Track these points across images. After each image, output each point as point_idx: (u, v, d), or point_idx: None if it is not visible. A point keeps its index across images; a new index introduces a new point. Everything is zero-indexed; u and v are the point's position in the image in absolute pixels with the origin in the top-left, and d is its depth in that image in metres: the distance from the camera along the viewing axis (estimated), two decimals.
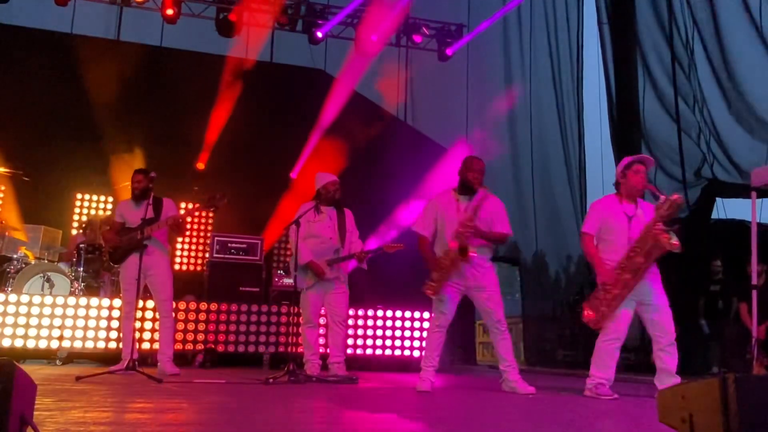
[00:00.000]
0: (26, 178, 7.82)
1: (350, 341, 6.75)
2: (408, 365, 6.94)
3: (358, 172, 8.74)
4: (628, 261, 4.30)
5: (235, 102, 9.17)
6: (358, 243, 5.61)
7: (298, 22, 9.76)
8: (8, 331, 6.04)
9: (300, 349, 5.50)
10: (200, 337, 6.51)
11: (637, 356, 8.19)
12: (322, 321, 5.93)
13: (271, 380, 4.76)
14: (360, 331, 6.95)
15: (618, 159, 9.17)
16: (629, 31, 9.74)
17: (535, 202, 10.02)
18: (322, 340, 6.04)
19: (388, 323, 7.05)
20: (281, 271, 8.08)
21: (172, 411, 3.24)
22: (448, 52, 10.11)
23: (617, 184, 4.61)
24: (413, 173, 8.96)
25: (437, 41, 10.25)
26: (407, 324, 7.10)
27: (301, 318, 5.57)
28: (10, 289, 6.65)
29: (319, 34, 9.54)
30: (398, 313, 7.12)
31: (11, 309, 6.09)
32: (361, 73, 9.75)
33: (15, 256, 7.07)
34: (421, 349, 7.03)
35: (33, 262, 7.09)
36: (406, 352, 7.06)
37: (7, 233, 7.36)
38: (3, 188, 8.52)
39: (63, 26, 9.29)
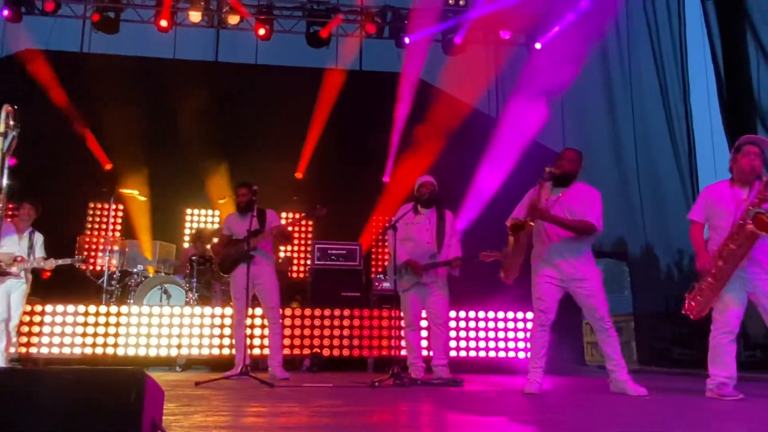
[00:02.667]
0: (142, 198, 8.44)
1: (453, 343, 6.72)
2: (513, 367, 6.81)
3: (451, 172, 8.71)
4: (723, 247, 4.09)
5: (330, 111, 9.43)
6: (455, 247, 5.53)
7: (385, 28, 9.85)
8: (132, 340, 6.50)
9: (403, 353, 5.52)
10: (306, 342, 6.70)
11: (763, 353, 7.59)
12: (424, 324, 5.92)
13: (376, 383, 4.81)
14: (462, 333, 6.90)
15: (730, 143, 8.55)
16: (737, 6, 9.06)
17: (641, 192, 9.48)
18: (425, 343, 6.04)
19: (491, 324, 6.96)
20: (380, 275, 8.19)
21: (285, 415, 3.35)
22: (536, 44, 9.85)
23: (731, 169, 4.32)
24: (509, 170, 8.78)
25: (525, 34, 10.02)
26: (510, 325, 6.97)
27: (402, 321, 5.60)
28: (132, 301, 7.16)
29: (407, 40, 9.58)
30: (500, 314, 7.00)
31: (134, 320, 6.55)
32: (449, 72, 9.70)
33: (135, 270, 7.61)
34: (526, 350, 6.89)
35: (151, 275, 7.58)
36: (511, 354, 6.92)
37: (127, 249, 7.92)
38: (122, 208, 9.21)
39: (166, 52, 9.90)
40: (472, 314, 6.99)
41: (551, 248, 4.36)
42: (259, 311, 6.48)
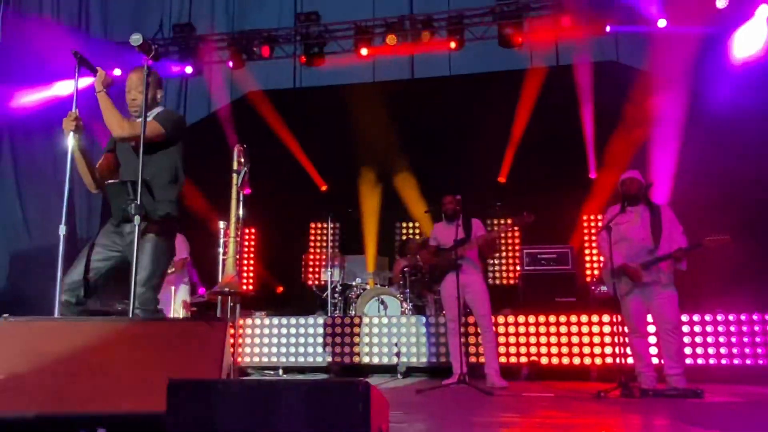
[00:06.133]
0: (350, 210, 9.04)
1: (688, 350, 6.08)
2: (764, 376, 5.95)
3: (669, 157, 7.98)
4: None
5: (530, 111, 9.23)
6: (681, 239, 5.01)
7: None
8: (356, 349, 6.92)
9: (630, 361, 5.12)
10: (522, 350, 6.55)
11: None
12: (652, 329, 5.44)
13: (602, 394, 4.53)
14: (699, 339, 6.20)
15: None
16: None
17: None
18: (654, 350, 5.55)
19: (732, 328, 6.16)
20: (595, 279, 7.75)
21: (506, 425, 3.29)
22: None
23: None
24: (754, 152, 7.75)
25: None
26: (756, 328, 6.10)
27: (626, 327, 5.21)
28: (353, 312, 7.65)
29: (608, 28, 8.96)
30: (743, 317, 6.17)
31: (357, 329, 6.97)
32: (656, 52, 8.86)
33: (354, 283, 8.13)
34: None
35: (369, 287, 8.03)
36: (760, 361, 6.06)
37: (346, 264, 8.50)
38: (339, 225, 9.93)
39: (367, 77, 10.49)
40: (708, 317, 6.24)
41: None
42: (472, 319, 6.49)
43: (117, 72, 9.11)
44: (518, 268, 8.33)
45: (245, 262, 10.19)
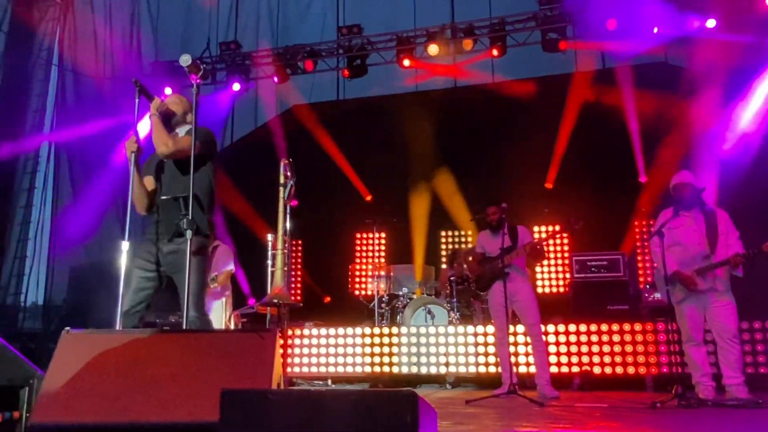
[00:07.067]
0: (394, 220, 9.05)
1: (748, 358, 5.84)
2: None
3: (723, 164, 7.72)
4: None
5: (576, 115, 9.09)
6: (736, 245, 4.83)
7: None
8: (404, 359, 6.91)
9: (686, 370, 4.96)
10: (574, 359, 6.42)
11: None
12: (709, 337, 5.25)
13: (658, 405, 4.40)
14: (759, 347, 5.95)
15: None
16: None
17: None
18: (712, 359, 5.36)
19: None
20: (648, 286, 7.54)
21: None
22: None
23: None
24: None
25: None
26: None
27: (681, 335, 5.05)
28: (400, 322, 7.64)
29: (656, 30, 8.75)
30: None
31: (404, 339, 6.97)
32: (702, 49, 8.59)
33: (400, 293, 8.13)
34: None
35: (416, 296, 8.01)
36: None
37: (392, 273, 8.50)
38: (384, 235, 9.97)
39: (409, 86, 10.54)
40: None
41: None
42: (521, 328, 6.41)
43: (168, 91, 9.40)
44: (568, 276, 8.18)
45: (293, 273, 10.31)
